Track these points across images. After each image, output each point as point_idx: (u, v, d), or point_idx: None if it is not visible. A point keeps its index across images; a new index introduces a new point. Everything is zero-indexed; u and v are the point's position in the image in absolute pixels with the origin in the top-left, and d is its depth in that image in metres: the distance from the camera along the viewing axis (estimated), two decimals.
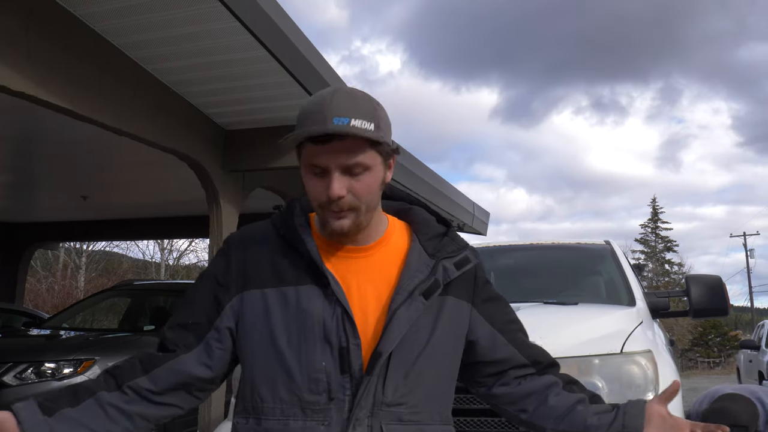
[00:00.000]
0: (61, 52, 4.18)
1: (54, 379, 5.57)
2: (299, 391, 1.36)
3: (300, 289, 1.39)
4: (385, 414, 1.37)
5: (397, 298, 1.40)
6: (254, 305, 1.42)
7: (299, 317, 1.38)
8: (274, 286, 1.41)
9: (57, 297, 22.55)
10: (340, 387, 1.36)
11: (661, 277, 46.19)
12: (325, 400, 1.35)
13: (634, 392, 2.74)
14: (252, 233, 1.52)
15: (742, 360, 13.41)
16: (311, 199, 1.41)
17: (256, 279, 1.43)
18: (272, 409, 1.37)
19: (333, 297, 1.38)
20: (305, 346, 1.37)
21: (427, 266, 1.46)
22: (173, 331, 1.49)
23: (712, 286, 3.82)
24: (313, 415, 1.35)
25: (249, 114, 5.76)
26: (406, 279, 1.43)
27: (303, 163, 1.40)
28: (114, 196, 9.32)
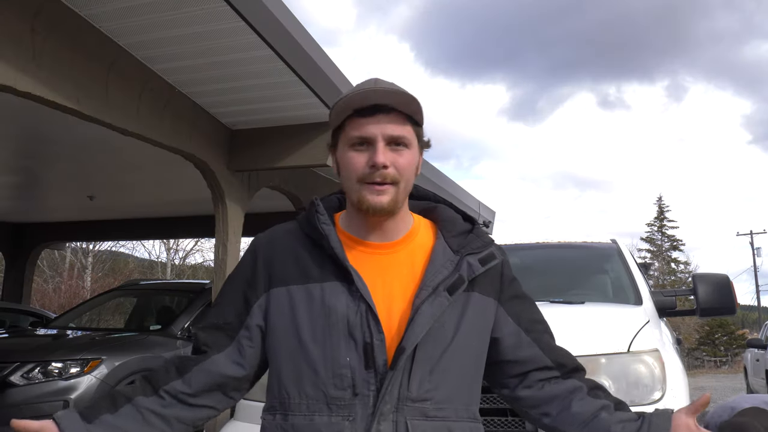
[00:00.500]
0: (67, 52, 4.19)
1: (61, 378, 5.59)
2: (324, 386, 1.38)
3: (325, 286, 1.42)
4: (410, 409, 1.38)
5: (421, 294, 1.41)
6: (280, 303, 1.45)
7: (324, 313, 1.40)
8: (299, 284, 1.44)
9: (63, 297, 22.63)
10: (364, 382, 1.37)
11: (668, 275, 46.05)
12: (350, 395, 1.37)
13: (641, 391, 2.73)
14: (278, 233, 1.55)
15: (749, 359, 13.36)
16: (349, 176, 1.43)
17: (281, 277, 1.46)
18: (298, 404, 1.40)
19: (357, 293, 1.40)
20: (329, 341, 1.39)
21: (452, 262, 1.47)
22: (205, 332, 1.53)
23: (720, 284, 3.81)
24: (339, 411, 1.37)
25: (255, 114, 5.77)
26: (431, 275, 1.45)
27: (344, 139, 1.43)
28: (120, 196, 9.35)
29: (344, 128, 1.43)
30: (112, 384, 5.78)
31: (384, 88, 1.41)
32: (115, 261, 29.84)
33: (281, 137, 5.88)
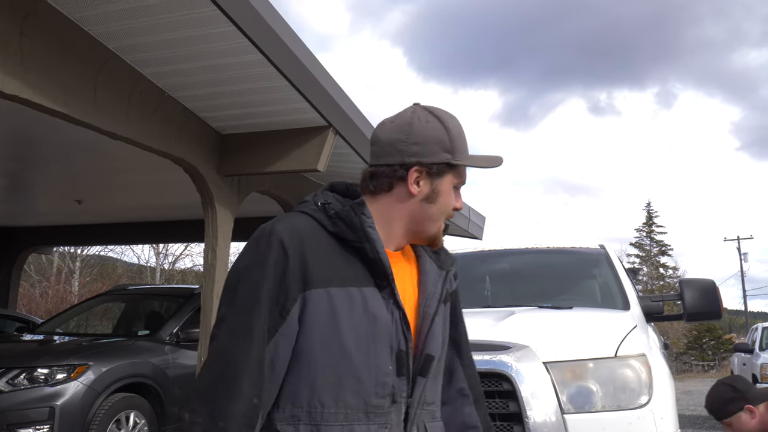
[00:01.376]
0: (55, 55, 4.17)
1: (47, 384, 5.55)
2: (366, 395, 1.37)
3: (364, 291, 1.40)
4: (426, 413, 1.47)
5: (431, 304, 1.49)
6: (319, 306, 1.37)
7: (368, 320, 1.39)
8: (339, 286, 1.38)
9: (51, 302, 22.44)
10: (399, 390, 1.41)
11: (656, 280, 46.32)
12: (389, 403, 1.39)
13: (628, 396, 2.75)
14: (299, 225, 1.43)
15: (736, 363, 13.46)
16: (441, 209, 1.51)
17: (320, 277, 1.38)
18: (335, 414, 1.35)
19: (390, 300, 1.42)
20: (374, 349, 1.39)
21: (440, 276, 1.55)
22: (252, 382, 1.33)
23: (706, 289, 3.84)
24: (376, 419, 1.38)
25: (245, 118, 5.76)
26: (430, 286, 1.52)
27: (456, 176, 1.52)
28: (109, 201, 9.30)
29: (458, 170, 1.52)
30: (99, 390, 5.74)
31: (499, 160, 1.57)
32: (104, 265, 29.65)
33: (271, 142, 5.87)
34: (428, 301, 1.49)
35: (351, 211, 1.44)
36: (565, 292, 4.29)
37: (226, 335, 1.35)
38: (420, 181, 1.47)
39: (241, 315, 1.35)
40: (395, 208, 1.49)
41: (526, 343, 2.82)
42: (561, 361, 2.78)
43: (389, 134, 1.49)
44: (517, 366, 2.71)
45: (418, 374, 1.44)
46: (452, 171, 1.50)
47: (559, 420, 2.66)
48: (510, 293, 4.34)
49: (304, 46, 4.89)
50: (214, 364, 1.33)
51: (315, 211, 1.47)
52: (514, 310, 3.40)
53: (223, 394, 1.30)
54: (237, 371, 1.31)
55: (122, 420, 5.95)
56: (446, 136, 1.49)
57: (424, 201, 1.48)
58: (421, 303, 1.49)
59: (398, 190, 1.48)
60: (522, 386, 2.67)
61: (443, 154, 1.48)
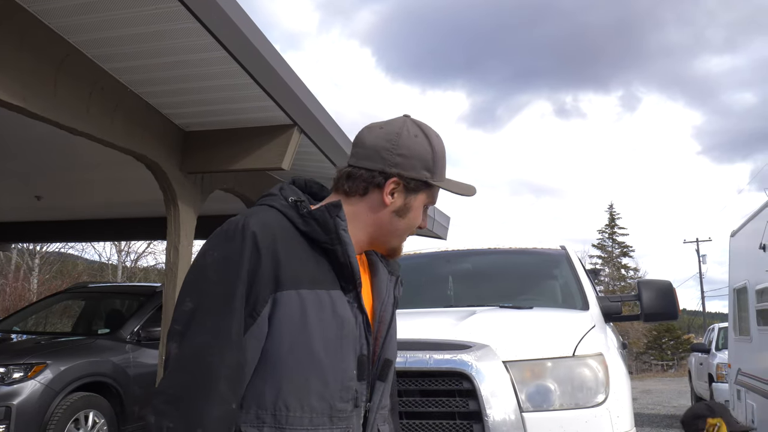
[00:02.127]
0: (13, 49, 4.09)
1: (3, 383, 5.45)
2: (332, 399, 1.36)
3: (332, 294, 1.39)
4: (379, 416, 1.49)
5: (387, 309, 1.51)
6: (289, 308, 1.34)
7: (336, 324, 1.38)
8: (309, 288, 1.36)
9: (8, 299, 21.96)
10: (360, 394, 1.42)
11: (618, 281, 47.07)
12: (351, 407, 1.40)
13: (585, 394, 2.80)
14: (273, 224, 1.38)
15: (694, 363, 13.74)
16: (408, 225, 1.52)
17: (292, 278, 1.34)
18: (299, 418, 1.34)
19: (355, 304, 1.42)
20: (341, 353, 1.38)
21: (391, 281, 1.57)
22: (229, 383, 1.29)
23: (663, 290, 3.93)
24: (339, 423, 1.37)
25: (209, 115, 5.71)
26: (384, 291, 1.53)
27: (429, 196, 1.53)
28: (69, 197, 9.13)
29: (433, 190, 1.53)
30: (57, 389, 5.65)
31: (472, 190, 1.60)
32: (64, 263, 29.10)
33: (235, 139, 5.83)
34: (384, 306, 1.50)
35: (326, 212, 1.42)
36: (527, 292, 4.35)
37: (201, 334, 1.28)
38: (395, 193, 1.47)
39: (217, 313, 1.29)
40: (365, 215, 1.48)
41: (487, 343, 2.86)
42: (520, 360, 2.83)
43: (376, 140, 1.48)
44: (477, 365, 2.75)
45: (377, 378, 1.46)
46: (427, 190, 1.51)
47: (518, 418, 2.70)
48: (472, 293, 4.39)
49: (270, 44, 4.87)
50: (188, 366, 1.26)
51: (285, 207, 1.43)
52: (475, 310, 3.44)
53: (200, 397, 1.24)
54: (215, 373, 1.25)
55: (81, 419, 5.86)
56: (430, 154, 1.49)
57: (394, 213, 1.48)
58: (376, 308, 1.50)
59: (372, 196, 1.47)
60: (482, 385, 2.71)
61: (423, 171, 1.48)
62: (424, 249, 5.19)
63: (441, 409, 2.77)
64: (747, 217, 8.30)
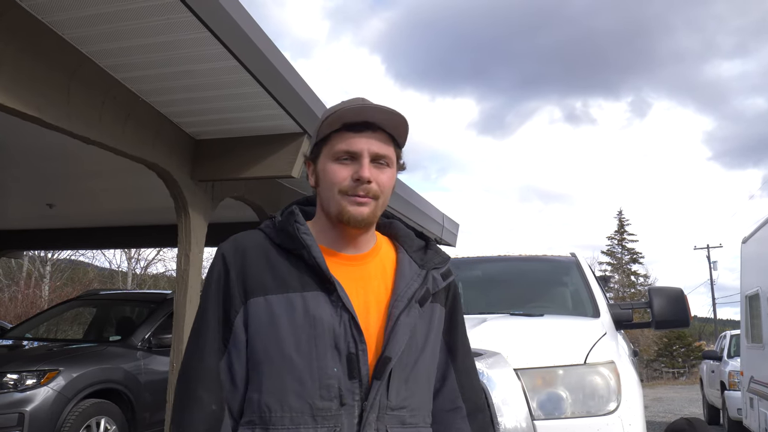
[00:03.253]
0: (28, 59, 4.14)
1: (16, 390, 5.48)
2: (310, 398, 1.38)
3: (306, 296, 1.42)
4: (390, 418, 1.43)
5: (398, 305, 1.47)
6: (258, 314, 1.42)
7: (308, 324, 1.40)
8: (277, 293, 1.42)
9: (20, 306, 22.07)
10: (349, 393, 1.40)
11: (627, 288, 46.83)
12: (337, 406, 1.39)
13: (597, 402, 2.79)
14: (245, 242, 1.51)
15: (705, 370, 13.64)
16: (331, 188, 1.46)
17: (258, 286, 1.44)
18: (280, 418, 1.38)
19: (339, 303, 1.42)
20: (316, 352, 1.40)
21: (419, 276, 1.53)
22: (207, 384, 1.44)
23: (674, 298, 3.91)
24: (324, 422, 1.38)
25: (219, 124, 5.75)
26: (403, 287, 1.50)
27: (328, 151, 1.48)
28: (80, 205, 9.19)
29: (329, 141, 1.48)
30: (69, 396, 5.68)
31: (377, 106, 1.47)
32: (75, 270, 29.23)
33: (246, 147, 5.86)
34: (396, 301, 1.47)
35: (285, 221, 1.50)
36: (537, 300, 4.35)
37: (186, 352, 1.47)
38: (310, 173, 1.55)
39: (195, 331, 1.47)
40: (317, 204, 1.56)
41: (498, 350, 2.86)
42: (531, 368, 2.82)
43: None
44: (488, 372, 2.75)
45: (374, 377, 1.42)
46: (324, 146, 1.50)
47: (529, 426, 2.69)
48: (483, 300, 4.39)
49: (279, 53, 4.90)
50: (178, 380, 1.46)
51: (267, 226, 1.54)
52: (486, 318, 3.44)
53: (185, 404, 1.41)
54: (193, 382, 1.42)
55: (93, 426, 5.88)
56: (320, 120, 1.52)
57: (318, 188, 1.52)
58: (390, 305, 1.48)
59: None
60: (493, 393, 2.70)
61: (314, 140, 1.53)
62: None
63: None
64: (759, 223, 8.26)
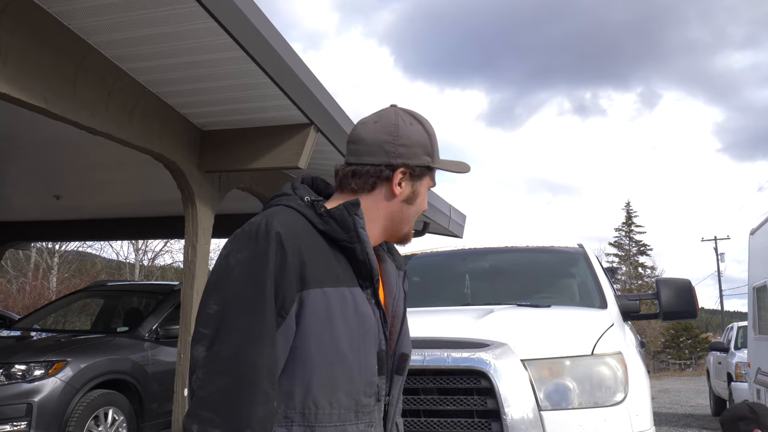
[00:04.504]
0: (34, 50, 4.13)
1: (24, 381, 5.51)
2: (357, 394, 1.39)
3: (354, 292, 1.42)
4: (397, 410, 1.53)
5: (399, 304, 1.54)
6: (316, 306, 1.35)
7: (358, 320, 1.41)
8: (333, 286, 1.38)
9: (28, 298, 22.19)
10: (381, 389, 1.45)
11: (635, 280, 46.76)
12: (374, 402, 1.43)
13: (604, 393, 2.79)
14: (295, 225, 1.40)
15: (712, 362, 13.62)
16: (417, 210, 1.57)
17: (316, 276, 1.36)
18: (329, 415, 1.35)
19: (373, 300, 1.45)
20: (363, 349, 1.41)
21: (399, 276, 1.60)
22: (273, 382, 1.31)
23: (682, 289, 3.90)
24: (363, 418, 1.40)
25: (226, 114, 5.74)
26: (394, 286, 1.56)
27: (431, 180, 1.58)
28: (88, 196, 9.22)
29: (433, 173, 1.58)
30: (77, 386, 5.71)
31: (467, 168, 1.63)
32: (82, 261, 29.37)
33: (253, 138, 5.86)
34: (396, 301, 1.53)
35: (345, 210, 1.44)
36: (544, 291, 4.34)
37: (236, 335, 1.28)
38: (402, 183, 1.51)
39: (250, 313, 1.29)
40: (377, 208, 1.51)
41: (505, 341, 2.85)
42: (538, 358, 2.82)
43: (375, 134, 1.50)
44: (495, 363, 2.74)
45: (394, 372, 1.49)
46: (429, 174, 1.57)
47: (536, 417, 2.69)
48: (489, 291, 4.38)
49: (287, 43, 4.88)
50: (226, 368, 1.26)
51: (302, 207, 1.45)
52: (493, 308, 3.43)
53: (244, 399, 1.25)
54: (257, 375, 1.26)
55: (101, 417, 5.92)
56: (428, 139, 1.54)
57: (404, 202, 1.52)
58: (389, 303, 1.53)
59: (381, 190, 1.50)
60: (500, 383, 2.70)
61: (425, 157, 1.53)
62: (440, 248, 5.18)
63: (459, 407, 2.77)
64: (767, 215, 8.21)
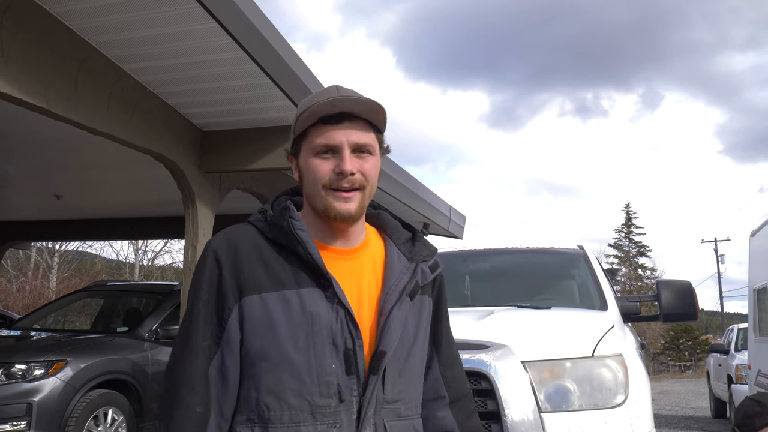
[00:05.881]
0: (36, 50, 4.14)
1: (24, 380, 5.50)
2: (310, 395, 1.37)
3: (302, 292, 1.39)
4: (386, 411, 1.43)
5: (390, 299, 1.45)
6: (254, 312, 1.38)
7: (305, 321, 1.38)
8: (273, 290, 1.39)
9: (28, 297, 22.19)
10: (348, 389, 1.39)
11: (635, 281, 46.73)
12: (336, 402, 1.38)
13: (604, 395, 2.78)
14: (235, 236, 1.45)
15: (712, 364, 13.61)
16: (314, 184, 1.43)
17: (252, 284, 1.39)
18: (280, 416, 1.36)
19: (334, 299, 1.40)
20: (314, 349, 1.38)
21: (408, 269, 1.51)
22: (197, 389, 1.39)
23: (682, 291, 3.90)
24: (323, 419, 1.37)
25: (226, 115, 5.75)
26: (393, 280, 1.49)
27: (308, 146, 1.45)
28: (88, 196, 9.23)
29: (308, 136, 1.45)
30: (77, 386, 5.70)
31: (350, 96, 1.44)
32: (82, 261, 29.37)
33: (253, 139, 5.87)
34: (387, 295, 1.46)
35: (280, 215, 1.45)
36: (544, 292, 4.33)
37: (173, 352, 1.44)
38: (294, 168, 1.51)
39: (184, 331, 1.43)
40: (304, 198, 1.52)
41: (505, 343, 2.85)
42: (539, 360, 2.82)
43: None
44: (495, 365, 2.74)
45: (371, 372, 1.41)
46: (303, 141, 1.46)
47: (536, 418, 2.69)
48: (490, 293, 4.38)
49: (287, 44, 4.89)
50: (164, 380, 1.43)
51: (257, 219, 1.49)
52: (493, 310, 3.43)
53: (169, 405, 1.39)
54: (177, 383, 1.39)
55: (100, 416, 5.91)
56: (295, 116, 1.49)
57: (303, 182, 1.49)
58: (381, 299, 1.46)
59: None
60: (500, 385, 2.70)
61: (294, 133, 1.49)
62: (440, 249, 5.18)
63: None
64: None
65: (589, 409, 2.76)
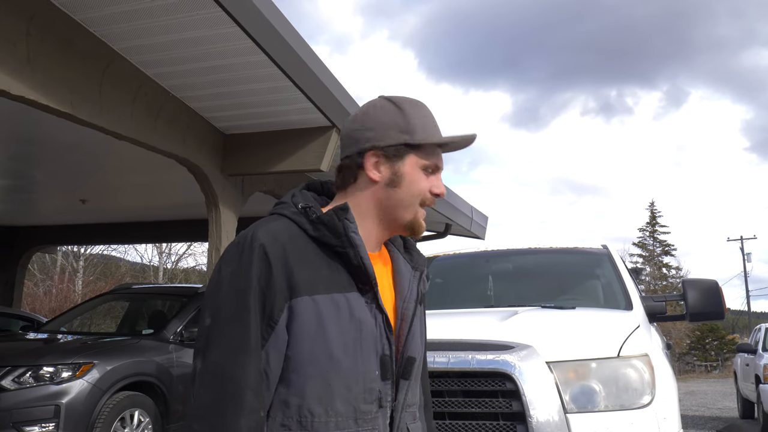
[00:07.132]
0: (61, 56, 4.20)
1: (52, 383, 5.58)
2: (355, 401, 1.36)
3: (348, 297, 1.37)
4: (407, 415, 1.46)
5: (408, 306, 1.48)
6: (306, 314, 1.33)
7: (354, 326, 1.37)
8: (323, 293, 1.35)
9: (55, 301, 22.51)
10: (384, 394, 1.40)
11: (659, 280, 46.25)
12: (376, 408, 1.39)
13: (630, 396, 2.76)
14: (280, 232, 1.38)
15: (739, 364, 13.42)
16: (415, 194, 1.46)
17: (305, 285, 1.34)
18: (325, 423, 1.33)
19: (373, 305, 1.40)
20: (361, 355, 1.37)
21: (415, 277, 1.54)
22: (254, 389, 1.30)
23: (709, 290, 3.85)
24: (364, 425, 1.37)
25: (248, 118, 5.78)
26: (406, 287, 1.50)
27: (420, 159, 1.46)
28: (112, 200, 9.33)
29: (422, 148, 1.46)
30: (104, 388, 5.77)
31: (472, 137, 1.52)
32: (107, 265, 29.72)
33: (275, 142, 5.90)
34: (405, 303, 1.47)
35: (334, 215, 1.41)
36: (568, 292, 4.30)
37: (220, 350, 1.31)
38: (380, 166, 1.44)
39: (233, 328, 1.31)
40: (362, 199, 1.46)
41: (530, 343, 2.83)
42: (564, 360, 2.79)
43: (348, 126, 1.50)
44: (520, 366, 2.72)
45: (401, 377, 1.43)
46: (414, 152, 1.45)
47: (562, 419, 2.67)
48: (513, 293, 4.36)
49: (308, 47, 4.91)
50: (212, 382, 1.29)
51: (295, 214, 1.43)
52: (517, 310, 3.41)
53: (228, 412, 1.27)
54: (240, 386, 1.28)
55: (127, 418, 5.97)
56: (401, 118, 1.45)
57: (388, 186, 1.44)
58: (398, 305, 1.47)
59: (361, 179, 1.45)
60: (525, 386, 2.68)
61: (400, 135, 1.44)
62: (463, 249, 5.17)
63: (484, 410, 2.75)
64: None
65: (615, 410, 2.74)
